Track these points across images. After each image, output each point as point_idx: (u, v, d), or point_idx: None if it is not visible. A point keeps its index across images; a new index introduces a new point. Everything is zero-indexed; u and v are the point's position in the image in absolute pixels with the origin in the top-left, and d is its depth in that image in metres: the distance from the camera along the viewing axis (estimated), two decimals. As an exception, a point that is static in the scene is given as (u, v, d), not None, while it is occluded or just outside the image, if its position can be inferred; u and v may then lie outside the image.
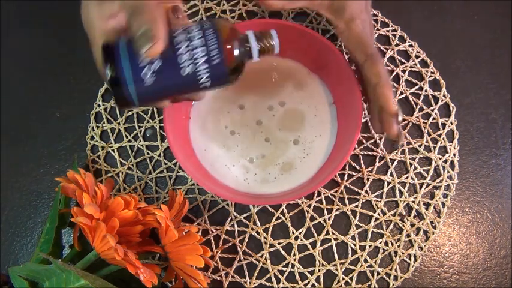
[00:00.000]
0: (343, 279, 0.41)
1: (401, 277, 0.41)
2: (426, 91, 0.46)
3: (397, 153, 0.44)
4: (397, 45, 0.47)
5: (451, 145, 0.44)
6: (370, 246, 0.42)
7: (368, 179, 0.43)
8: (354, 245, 0.42)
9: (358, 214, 0.42)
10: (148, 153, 0.45)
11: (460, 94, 0.46)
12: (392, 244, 0.42)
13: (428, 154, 0.44)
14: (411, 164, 0.44)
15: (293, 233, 0.42)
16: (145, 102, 0.33)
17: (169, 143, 0.38)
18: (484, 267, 0.42)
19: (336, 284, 0.41)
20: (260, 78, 0.44)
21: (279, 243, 0.42)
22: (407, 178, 0.43)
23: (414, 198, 0.43)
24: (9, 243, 0.44)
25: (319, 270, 0.41)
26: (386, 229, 0.42)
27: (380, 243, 0.42)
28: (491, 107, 0.46)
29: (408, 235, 0.42)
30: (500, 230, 0.43)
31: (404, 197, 0.43)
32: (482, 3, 0.48)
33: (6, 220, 0.45)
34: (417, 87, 0.46)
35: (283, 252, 0.42)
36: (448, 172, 0.43)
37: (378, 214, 0.42)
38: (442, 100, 0.45)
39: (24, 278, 0.33)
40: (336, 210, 0.43)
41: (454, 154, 0.44)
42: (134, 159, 0.45)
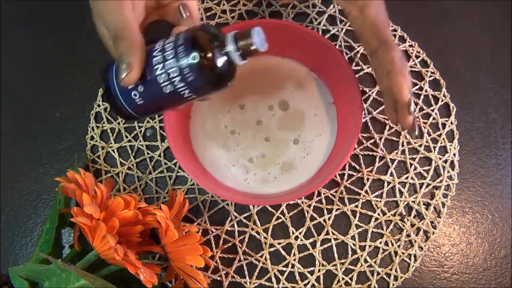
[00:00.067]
0: (343, 279, 0.41)
1: (401, 277, 0.41)
2: (426, 91, 0.46)
3: (397, 153, 0.44)
4: (397, 45, 0.47)
5: (451, 145, 0.44)
6: (370, 246, 0.42)
7: (368, 179, 0.43)
8: (354, 245, 0.42)
9: (358, 214, 0.42)
10: (148, 153, 0.45)
11: (460, 94, 0.46)
12: (392, 244, 0.42)
13: (428, 154, 0.44)
14: (411, 164, 0.44)
15: (293, 233, 0.42)
16: (146, 115, 0.33)
17: (169, 143, 0.38)
18: (484, 267, 0.42)
19: (336, 284, 0.41)
20: (260, 77, 0.44)
21: (279, 243, 0.42)
22: (407, 178, 0.43)
23: (414, 198, 0.43)
24: (9, 243, 0.44)
25: (319, 270, 0.41)
26: (386, 229, 0.42)
27: (380, 243, 0.42)
28: (491, 107, 0.46)
29: (408, 235, 0.42)
30: (500, 230, 0.43)
31: (404, 197, 0.43)
32: (482, 3, 0.48)
33: (6, 220, 0.45)
34: (417, 87, 0.46)
35: (283, 252, 0.42)
36: (448, 172, 0.43)
37: (378, 214, 0.42)
38: (442, 100, 0.45)
39: (24, 278, 0.33)
40: (336, 210, 0.43)
41: (454, 154, 0.44)
42: (134, 159, 0.45)
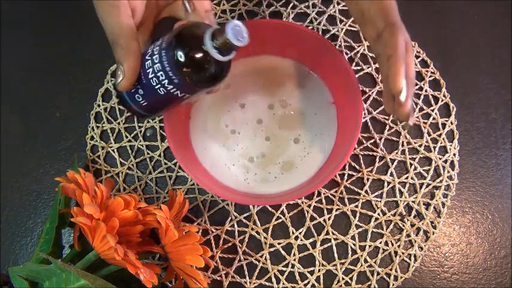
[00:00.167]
0: (343, 279, 0.41)
1: (401, 277, 0.41)
2: (426, 91, 0.46)
3: (397, 153, 0.44)
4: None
5: (451, 145, 0.44)
6: (370, 246, 0.42)
7: (368, 179, 0.43)
8: (354, 245, 0.42)
9: (358, 214, 0.42)
10: (148, 153, 0.45)
11: (460, 94, 0.46)
12: (392, 244, 0.42)
13: (428, 154, 0.44)
14: (411, 164, 0.44)
15: (293, 233, 0.42)
16: (156, 113, 0.34)
17: (169, 143, 0.38)
18: (484, 267, 0.42)
19: (336, 284, 0.41)
20: (260, 77, 0.44)
21: (279, 243, 0.42)
22: (407, 178, 0.43)
23: (414, 198, 0.43)
24: (9, 243, 0.44)
25: (319, 270, 0.41)
26: (386, 229, 0.42)
27: (380, 243, 0.42)
28: (491, 107, 0.46)
29: (408, 235, 0.42)
30: (500, 230, 0.43)
31: (404, 197, 0.43)
32: (482, 3, 0.48)
33: (6, 220, 0.45)
34: (417, 87, 0.46)
35: (283, 252, 0.42)
36: (448, 172, 0.43)
37: (378, 214, 0.42)
38: (442, 100, 0.45)
39: (24, 278, 0.33)
40: (336, 210, 0.43)
41: (454, 154, 0.44)
42: (134, 159, 0.45)
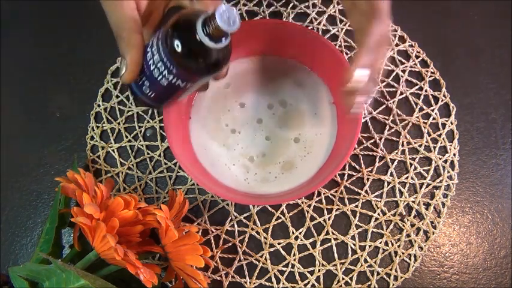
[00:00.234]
0: (343, 279, 0.41)
1: (401, 277, 0.41)
2: (426, 91, 0.46)
3: (397, 153, 0.44)
4: (397, 45, 0.47)
5: (451, 145, 0.44)
6: (370, 246, 0.42)
7: (368, 179, 0.43)
8: (354, 245, 0.42)
9: (358, 214, 0.42)
10: (148, 153, 0.45)
11: (460, 94, 0.46)
12: (392, 244, 0.42)
13: (428, 154, 0.44)
14: (411, 164, 0.44)
15: (293, 233, 0.42)
16: (165, 103, 0.34)
17: (169, 143, 0.38)
18: (484, 267, 0.42)
19: (336, 284, 0.41)
20: (260, 77, 0.44)
21: (279, 243, 0.42)
22: (407, 178, 0.43)
23: (414, 198, 0.43)
24: (9, 243, 0.44)
25: (319, 270, 0.41)
26: (386, 229, 0.42)
27: (380, 243, 0.42)
28: (491, 107, 0.46)
29: (408, 235, 0.42)
30: (500, 230, 0.43)
31: (404, 197, 0.43)
32: (482, 3, 0.48)
33: (6, 220, 0.45)
34: (417, 87, 0.46)
35: (283, 252, 0.42)
36: (448, 172, 0.43)
37: (378, 214, 0.42)
38: (442, 100, 0.45)
39: (24, 278, 0.33)
40: (336, 210, 0.43)
41: (454, 154, 0.44)
42: (134, 159, 0.45)
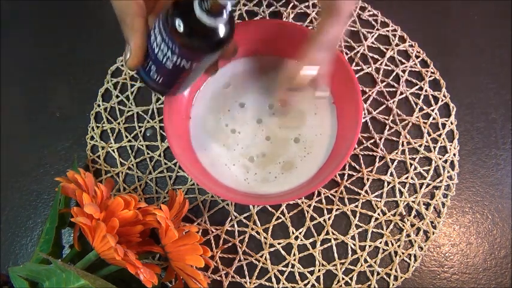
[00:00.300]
0: (343, 279, 0.41)
1: (401, 277, 0.41)
2: (426, 91, 0.46)
3: (397, 153, 0.44)
4: (397, 45, 0.47)
5: (451, 145, 0.44)
6: (370, 246, 0.42)
7: (368, 179, 0.43)
8: (354, 245, 0.42)
9: (358, 214, 0.42)
10: (148, 153, 0.45)
11: (460, 94, 0.46)
12: (392, 244, 0.42)
13: (428, 154, 0.44)
14: (411, 164, 0.44)
15: (293, 233, 0.42)
16: (178, 89, 0.34)
17: (169, 143, 0.38)
18: (484, 267, 0.42)
19: (336, 284, 0.41)
20: (260, 77, 0.44)
21: (279, 243, 0.42)
22: (407, 178, 0.43)
23: (414, 198, 0.43)
24: (9, 243, 0.44)
25: (319, 270, 0.41)
26: (386, 229, 0.42)
27: (380, 243, 0.42)
28: (491, 107, 0.46)
29: (408, 235, 0.42)
30: (500, 230, 0.43)
31: (404, 197, 0.43)
32: (482, 3, 0.48)
33: (6, 220, 0.45)
34: (417, 87, 0.46)
35: (283, 252, 0.42)
36: (448, 172, 0.43)
37: (378, 214, 0.42)
38: (442, 100, 0.45)
39: (24, 278, 0.33)
40: (336, 210, 0.43)
41: (454, 154, 0.44)
42: (134, 159, 0.45)
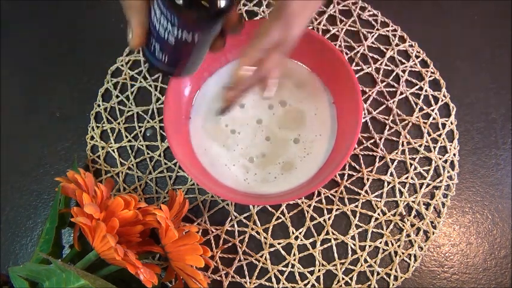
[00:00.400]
0: (343, 279, 0.41)
1: (401, 277, 0.41)
2: (426, 91, 0.46)
3: (397, 153, 0.44)
4: (397, 45, 0.47)
5: (451, 145, 0.44)
6: (370, 246, 0.42)
7: (368, 179, 0.43)
8: (354, 245, 0.42)
9: (358, 214, 0.42)
10: (148, 153, 0.45)
11: (460, 94, 0.46)
12: (392, 244, 0.42)
13: (428, 154, 0.44)
14: (411, 164, 0.44)
15: (293, 233, 0.42)
16: (184, 69, 0.33)
17: (169, 143, 0.38)
18: (484, 267, 0.42)
19: (336, 284, 0.41)
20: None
21: (279, 243, 0.42)
22: (407, 178, 0.43)
23: (414, 198, 0.43)
24: (9, 243, 0.44)
25: (319, 270, 0.41)
26: (386, 229, 0.42)
27: (380, 243, 0.42)
28: (491, 107, 0.46)
29: (408, 235, 0.42)
30: (500, 230, 0.43)
31: (404, 197, 0.43)
32: (482, 3, 0.48)
33: (6, 220, 0.45)
34: (417, 87, 0.46)
35: (283, 252, 0.42)
36: (448, 172, 0.43)
37: (378, 214, 0.42)
38: (442, 100, 0.45)
39: (24, 278, 0.33)
40: (336, 210, 0.43)
41: (454, 154, 0.44)
42: (134, 159, 0.45)
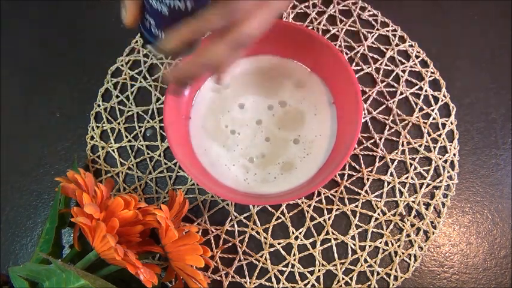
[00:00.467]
0: (343, 279, 0.41)
1: (401, 277, 0.41)
2: (426, 91, 0.46)
3: (397, 153, 0.44)
4: (397, 45, 0.47)
5: (451, 145, 0.44)
6: (370, 246, 0.42)
7: (368, 179, 0.43)
8: (354, 245, 0.42)
9: (358, 214, 0.42)
10: (148, 153, 0.45)
11: (460, 94, 0.46)
12: (392, 244, 0.42)
13: (428, 154, 0.44)
14: (411, 164, 0.44)
15: (293, 233, 0.42)
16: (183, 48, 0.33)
17: (169, 143, 0.38)
18: (484, 267, 0.42)
19: (336, 284, 0.41)
20: (260, 77, 0.44)
21: (279, 243, 0.42)
22: (407, 178, 0.43)
23: (414, 198, 0.43)
24: (9, 243, 0.44)
25: (319, 270, 0.41)
26: (386, 229, 0.42)
27: (380, 243, 0.42)
28: (491, 107, 0.46)
29: (408, 235, 0.42)
30: (500, 230, 0.43)
31: (404, 197, 0.43)
32: (482, 3, 0.48)
33: (6, 220, 0.45)
34: (417, 87, 0.46)
35: (283, 252, 0.42)
36: (448, 172, 0.43)
37: (378, 214, 0.42)
38: (442, 100, 0.45)
39: (24, 278, 0.33)
40: (336, 210, 0.43)
41: (454, 154, 0.44)
42: (134, 159, 0.45)
